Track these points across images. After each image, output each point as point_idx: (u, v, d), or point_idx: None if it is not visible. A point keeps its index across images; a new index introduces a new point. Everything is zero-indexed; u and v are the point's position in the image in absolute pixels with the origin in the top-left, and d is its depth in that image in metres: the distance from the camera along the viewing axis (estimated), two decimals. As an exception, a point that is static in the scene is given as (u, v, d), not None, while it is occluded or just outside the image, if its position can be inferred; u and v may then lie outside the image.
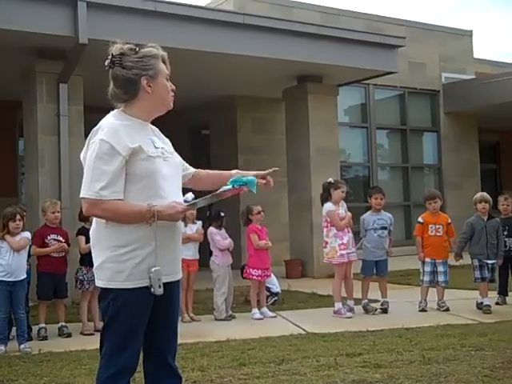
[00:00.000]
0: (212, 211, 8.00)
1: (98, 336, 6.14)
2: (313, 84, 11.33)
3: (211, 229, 7.48)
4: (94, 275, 6.92)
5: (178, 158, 3.00)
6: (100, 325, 6.41)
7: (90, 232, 2.86)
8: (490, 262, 7.41)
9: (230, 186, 2.90)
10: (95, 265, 2.81)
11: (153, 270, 2.68)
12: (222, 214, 7.49)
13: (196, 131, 13.87)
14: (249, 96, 12.61)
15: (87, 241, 6.61)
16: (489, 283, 7.55)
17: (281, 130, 12.43)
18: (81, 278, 6.67)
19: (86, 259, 6.61)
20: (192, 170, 3.19)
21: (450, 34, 16.05)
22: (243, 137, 12.95)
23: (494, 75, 15.16)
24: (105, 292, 2.77)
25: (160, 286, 2.70)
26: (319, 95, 11.45)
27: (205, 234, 7.45)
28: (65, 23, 8.10)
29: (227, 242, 7.46)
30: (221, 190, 2.91)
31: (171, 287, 2.83)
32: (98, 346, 2.83)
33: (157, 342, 2.89)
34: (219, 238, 7.42)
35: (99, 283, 2.80)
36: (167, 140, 3.06)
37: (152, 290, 2.69)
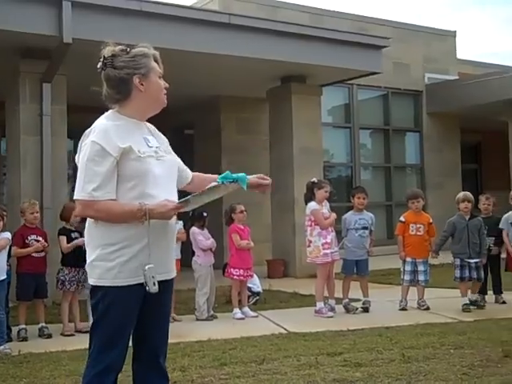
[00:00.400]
0: (195, 211, 8.00)
1: (78, 337, 6.10)
2: (296, 84, 11.34)
3: (194, 229, 7.49)
4: (75, 276, 6.95)
5: (174, 157, 3.02)
6: (81, 325, 6.42)
7: (85, 231, 2.89)
8: (472, 261, 7.47)
9: (220, 182, 2.90)
10: (87, 263, 2.85)
11: (146, 267, 2.70)
12: (205, 214, 7.49)
13: (179, 131, 13.86)
14: (233, 96, 12.59)
15: (68, 241, 6.61)
16: (477, 282, 7.59)
17: (265, 130, 12.43)
18: (62, 278, 6.62)
19: (68, 259, 6.61)
20: (190, 174, 3.23)
21: (434, 35, 16.12)
22: (227, 137, 12.94)
23: (476, 76, 15.23)
24: (95, 289, 2.81)
25: (155, 284, 2.71)
26: (303, 95, 11.46)
27: (187, 234, 7.45)
28: (49, 23, 8.03)
29: (210, 242, 7.47)
30: (210, 185, 2.90)
31: (163, 286, 2.84)
32: (78, 346, 2.84)
33: (149, 342, 2.91)
34: (202, 238, 7.43)
35: (90, 281, 2.84)
36: (164, 138, 3.07)
37: (147, 288, 2.71)
